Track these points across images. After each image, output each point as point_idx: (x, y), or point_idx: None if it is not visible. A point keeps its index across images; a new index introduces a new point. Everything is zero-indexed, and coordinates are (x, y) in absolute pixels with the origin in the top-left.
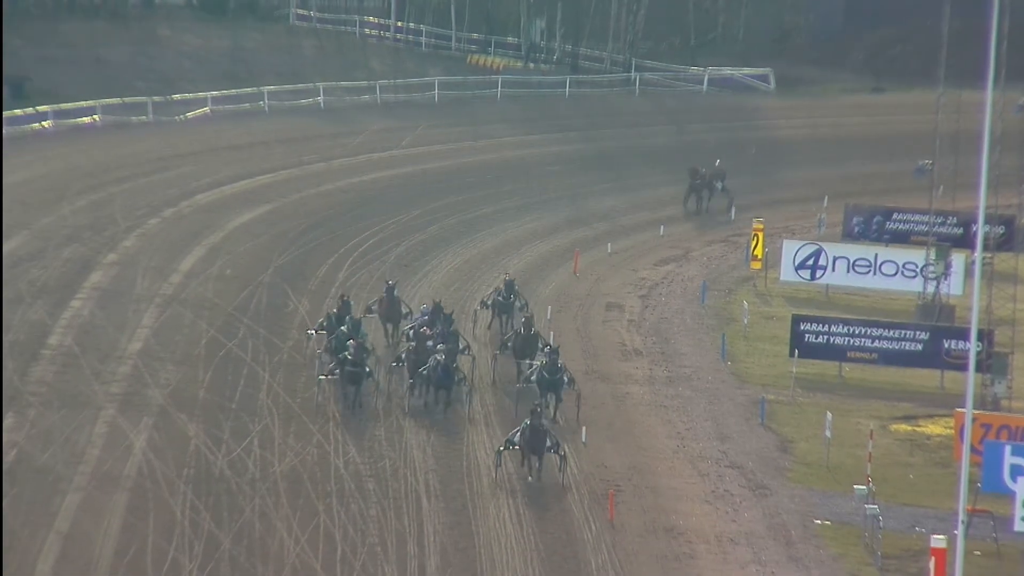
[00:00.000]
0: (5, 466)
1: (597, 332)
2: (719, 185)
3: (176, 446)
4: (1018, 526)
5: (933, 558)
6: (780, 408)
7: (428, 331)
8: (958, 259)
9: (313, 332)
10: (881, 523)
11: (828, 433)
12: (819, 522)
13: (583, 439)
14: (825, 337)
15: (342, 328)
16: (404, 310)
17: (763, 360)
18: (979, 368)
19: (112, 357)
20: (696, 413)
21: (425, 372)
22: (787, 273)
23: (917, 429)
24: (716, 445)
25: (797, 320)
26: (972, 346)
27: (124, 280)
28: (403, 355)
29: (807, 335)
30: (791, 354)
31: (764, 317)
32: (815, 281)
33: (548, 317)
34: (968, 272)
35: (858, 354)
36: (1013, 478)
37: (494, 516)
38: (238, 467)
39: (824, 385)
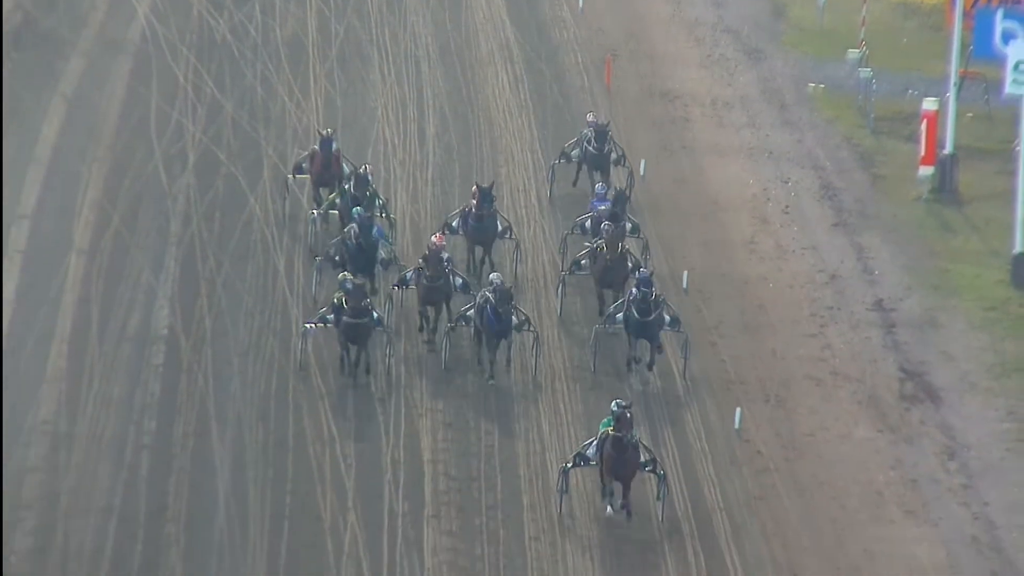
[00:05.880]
0: (10, 30)
1: None
2: None
3: (179, 12)
4: (1009, 88)
5: (925, 120)
6: None
7: (440, 238)
8: None
9: (315, 213)
10: (874, 86)
11: None
12: (813, 86)
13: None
14: None
15: (352, 225)
16: (346, 169)
17: None
18: None
19: None
20: None
21: (469, 313)
22: None
23: None
24: (711, 10)
25: None
26: None
27: None
28: (408, 276)
29: None
30: None
31: None
32: None
33: None
34: None
35: None
36: (1005, 42)
37: (492, 82)
38: (240, 33)
39: None
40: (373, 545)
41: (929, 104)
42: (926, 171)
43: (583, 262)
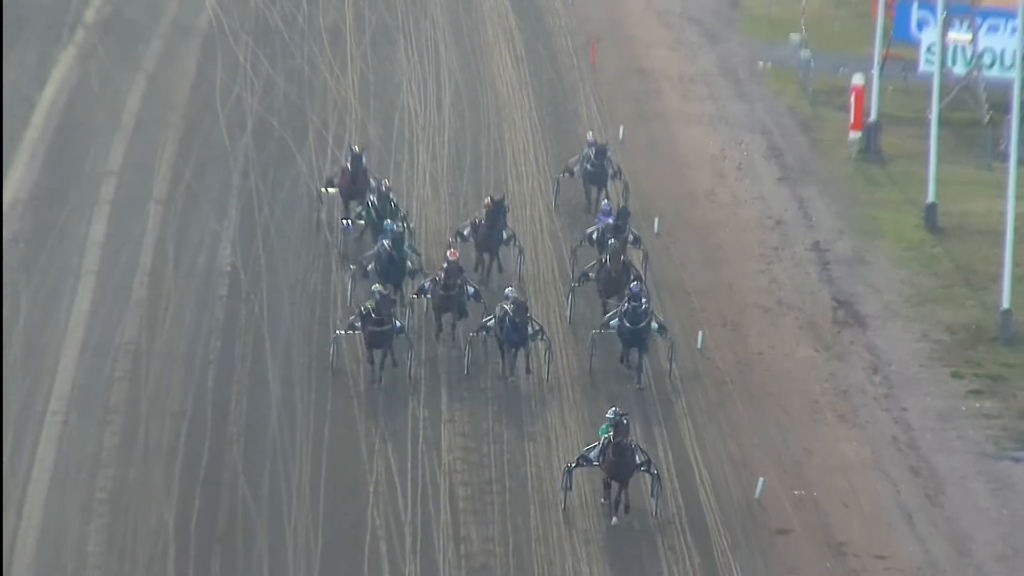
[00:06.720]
0: (101, 18)
1: None
2: None
3: (239, 2)
4: (923, 67)
5: (854, 93)
6: None
7: (455, 253)
8: None
9: (347, 223)
10: (812, 65)
11: None
12: (762, 64)
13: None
14: None
15: (384, 243)
16: (373, 183)
17: None
18: None
19: None
20: None
21: (490, 324)
22: None
23: None
24: (678, 1)
25: None
26: None
27: None
28: (426, 286)
29: None
30: None
31: None
32: None
33: None
34: None
35: None
36: (919, 29)
37: (497, 61)
38: (289, 20)
39: None
40: (399, 444)
41: (857, 79)
42: (855, 135)
43: (590, 274)
